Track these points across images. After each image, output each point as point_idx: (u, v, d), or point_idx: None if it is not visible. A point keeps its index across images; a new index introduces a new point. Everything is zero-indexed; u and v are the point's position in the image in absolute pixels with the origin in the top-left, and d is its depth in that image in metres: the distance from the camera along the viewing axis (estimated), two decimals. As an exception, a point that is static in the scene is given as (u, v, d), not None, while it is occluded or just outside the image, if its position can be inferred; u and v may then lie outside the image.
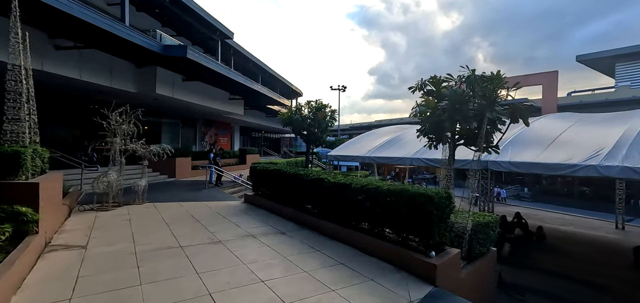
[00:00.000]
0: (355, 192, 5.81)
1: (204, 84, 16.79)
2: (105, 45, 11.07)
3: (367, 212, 5.68)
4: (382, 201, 5.29)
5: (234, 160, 21.30)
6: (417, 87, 6.51)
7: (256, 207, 9.09)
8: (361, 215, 5.84)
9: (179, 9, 15.99)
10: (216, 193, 11.66)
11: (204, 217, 7.55)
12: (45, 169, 5.99)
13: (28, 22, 9.35)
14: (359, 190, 5.74)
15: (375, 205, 5.44)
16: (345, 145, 16.39)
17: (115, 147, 8.53)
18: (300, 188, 7.41)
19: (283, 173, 8.11)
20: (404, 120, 45.68)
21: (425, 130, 6.15)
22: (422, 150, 11.59)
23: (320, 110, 9.87)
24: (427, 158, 10.99)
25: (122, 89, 12.94)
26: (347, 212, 6.09)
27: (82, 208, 7.70)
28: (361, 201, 5.71)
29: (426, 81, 6.43)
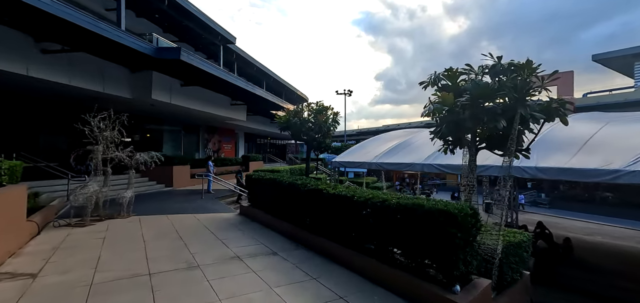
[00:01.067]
0: (358, 207, 4.82)
1: (203, 90, 16.07)
2: (95, 49, 10.39)
3: (372, 230, 4.68)
4: (390, 218, 4.29)
5: (237, 168, 20.45)
6: (430, 82, 5.51)
7: (250, 220, 8.14)
8: (366, 233, 4.83)
9: (178, 14, 15.37)
10: (211, 204, 10.78)
11: (189, 233, 6.63)
12: (1, 183, 5.16)
13: (10, 24, 8.75)
14: (362, 204, 4.74)
15: (383, 223, 4.43)
16: (350, 150, 15.37)
17: (97, 156, 7.72)
18: (297, 200, 6.45)
19: (278, 183, 7.17)
20: (412, 124, 44.43)
21: (441, 132, 5.13)
22: (434, 154, 10.50)
23: (322, 112, 8.92)
24: (440, 164, 9.90)
25: (117, 94, 12.25)
26: (349, 229, 5.09)
27: (57, 224, 6.88)
28: (365, 217, 4.71)
29: (440, 74, 5.43)
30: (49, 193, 9.14)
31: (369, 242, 4.87)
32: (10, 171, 6.23)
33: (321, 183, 6.30)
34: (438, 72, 5.52)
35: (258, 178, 8.23)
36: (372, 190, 5.25)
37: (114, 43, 9.46)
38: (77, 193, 7.08)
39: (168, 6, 14.49)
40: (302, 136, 9.23)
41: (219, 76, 13.36)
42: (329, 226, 5.58)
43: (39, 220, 6.36)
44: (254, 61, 24.17)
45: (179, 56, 10.89)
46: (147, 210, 9.19)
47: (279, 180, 7.21)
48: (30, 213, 6.46)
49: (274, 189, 7.41)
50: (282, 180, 7.13)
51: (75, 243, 5.76)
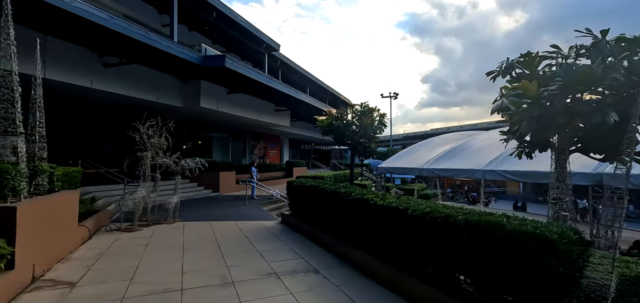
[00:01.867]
0: (413, 222, 4.01)
1: (248, 96, 16.28)
2: (148, 60, 10.92)
3: (431, 251, 3.83)
4: (455, 238, 3.42)
5: (281, 174, 20.48)
6: (500, 72, 4.50)
7: (291, 229, 7.67)
8: (422, 253, 3.99)
9: (225, 24, 15.77)
10: (253, 210, 10.59)
11: (228, 243, 6.33)
12: (54, 188, 5.31)
13: (78, 41, 9.50)
14: (418, 219, 3.92)
15: (445, 243, 3.57)
16: (398, 155, 14.29)
17: (146, 162, 7.89)
18: (341, 210, 5.79)
19: (320, 191, 6.58)
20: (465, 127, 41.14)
21: (519, 131, 4.09)
22: (499, 159, 9.13)
23: (367, 114, 8.17)
24: (505, 171, 8.51)
25: (169, 103, 12.82)
26: (402, 247, 4.28)
27: (109, 229, 7.08)
28: (422, 234, 3.89)
29: (515, 61, 4.40)
30: (107, 198, 9.69)
31: (426, 264, 4.01)
32: (68, 177, 6.53)
33: (367, 192, 5.57)
34: (511, 58, 4.50)
35: (299, 186, 7.74)
36: (429, 202, 4.38)
37: (164, 53, 9.80)
38: (126, 199, 7.26)
39: (216, 18, 14.91)
40: (346, 140, 8.55)
41: (262, 81, 13.32)
42: (377, 242, 4.81)
43: (92, 224, 6.56)
44: (297, 67, 24.19)
45: (223, 63, 10.99)
46: (192, 215, 9.25)
47: (321, 188, 6.62)
48: (85, 217, 6.72)
49: (316, 198, 6.84)
50: (324, 187, 6.53)
51: (119, 249, 5.76)
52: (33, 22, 8.19)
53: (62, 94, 10.72)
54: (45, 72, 8.84)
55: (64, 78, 9.24)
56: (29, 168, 4.63)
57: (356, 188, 6.20)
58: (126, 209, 7.22)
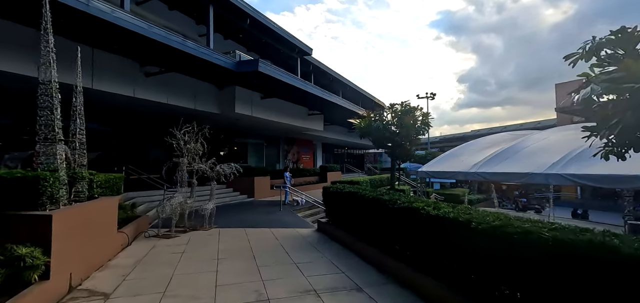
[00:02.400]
0: (479, 238, 3.32)
1: (282, 101, 16.18)
2: (186, 68, 11.12)
3: (507, 275, 3.11)
4: (544, 262, 2.70)
5: (315, 178, 20.12)
6: (583, 55, 3.65)
7: (329, 239, 7.17)
8: (494, 277, 3.28)
9: (258, 31, 15.83)
10: (288, 216, 10.25)
11: (263, 252, 5.99)
12: (94, 194, 5.31)
13: (121, 52, 9.88)
14: (486, 236, 3.23)
15: (527, 268, 2.86)
16: (440, 158, 13.24)
17: (183, 168, 7.87)
18: (384, 220, 5.19)
19: (360, 198, 6.02)
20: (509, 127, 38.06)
21: (622, 123, 3.24)
22: (562, 162, 7.95)
23: (408, 113, 7.48)
24: (577, 175, 7.34)
25: (206, 110, 13.03)
26: (465, 268, 3.59)
27: (147, 235, 7.09)
28: (492, 254, 3.19)
29: (603, 40, 3.54)
30: (148, 203, 9.90)
31: (496, 288, 3.29)
32: (109, 183, 6.61)
33: (416, 200, 4.91)
34: (598, 37, 3.63)
35: (336, 192, 7.24)
36: (498, 214, 3.66)
37: (199, 60, 9.89)
38: (163, 205, 7.24)
39: (250, 25, 15.00)
40: (386, 143, 7.90)
41: (294, 84, 13.08)
42: (430, 259, 4.15)
43: (131, 230, 6.57)
44: (329, 71, 23.84)
45: (257, 67, 10.88)
46: (227, 221, 9.12)
47: (361, 195, 6.06)
48: (126, 223, 6.76)
49: (355, 205, 6.29)
50: (364, 194, 5.96)
51: (155, 258, 5.64)
52: (82, 36, 8.60)
53: (108, 104, 11.25)
54: (93, 83, 9.26)
55: (109, 88, 9.63)
56: (69, 176, 4.61)
57: (401, 195, 5.57)
58: (164, 215, 7.20)
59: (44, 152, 4.21)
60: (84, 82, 9.39)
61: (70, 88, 8.46)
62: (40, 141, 4.20)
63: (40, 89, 4.16)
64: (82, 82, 9.19)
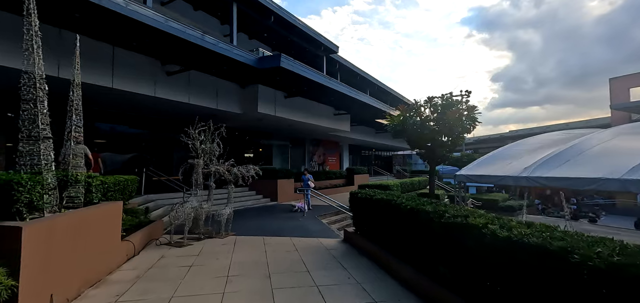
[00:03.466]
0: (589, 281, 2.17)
1: (306, 101, 15.39)
2: (206, 65, 10.63)
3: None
4: None
5: (341, 181, 19.10)
6: None
7: (357, 252, 6.15)
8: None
9: (283, 28, 15.15)
10: (311, 223, 9.33)
11: (280, 269, 5.10)
12: (92, 200, 4.71)
13: (142, 50, 9.53)
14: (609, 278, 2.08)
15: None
16: (480, 162, 11.68)
17: (198, 170, 7.22)
18: (427, 235, 4.10)
19: (395, 208, 4.94)
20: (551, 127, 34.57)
21: None
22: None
23: (451, 107, 6.27)
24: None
25: (228, 110, 12.52)
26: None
27: (159, 243, 6.48)
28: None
29: None
30: (167, 207, 9.43)
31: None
32: (120, 186, 6.06)
33: (471, 213, 3.76)
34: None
35: (365, 199, 6.19)
36: (614, 242, 2.48)
37: (218, 56, 9.30)
38: (176, 210, 6.60)
39: (274, 22, 14.36)
40: (424, 143, 6.72)
41: (319, 81, 12.19)
42: (497, 289, 3.01)
43: (140, 238, 5.97)
44: (356, 70, 22.73)
45: (279, 63, 10.13)
46: (245, 228, 8.39)
47: (396, 204, 4.98)
48: (136, 229, 6.18)
49: (388, 215, 5.23)
50: (400, 203, 4.88)
51: (160, 272, 4.95)
52: (102, 34, 8.31)
53: (129, 105, 11.03)
54: (113, 82, 8.96)
55: (129, 87, 9.30)
56: (59, 178, 4.00)
57: (449, 206, 4.43)
58: (177, 221, 6.56)
59: (27, 151, 3.61)
60: (103, 82, 9.21)
61: (95, 88, 8.14)
62: (22, 139, 3.60)
63: (22, 78, 3.56)
64: (103, 81, 9.02)
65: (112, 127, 12.80)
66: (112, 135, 12.84)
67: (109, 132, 12.76)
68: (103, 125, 12.54)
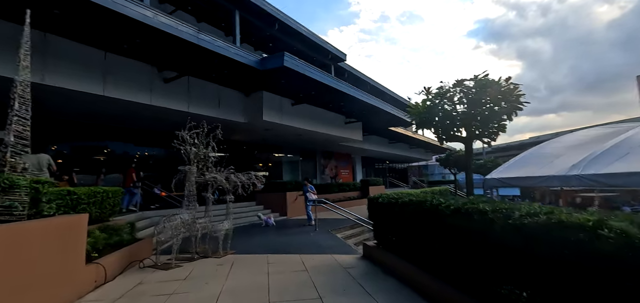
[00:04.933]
0: None
1: (315, 108, 14.40)
2: (205, 69, 9.83)
3: None
4: None
5: (356, 194, 17.75)
6: None
7: (381, 271, 4.87)
8: None
9: (288, 36, 14.41)
10: (324, 238, 8.07)
11: (284, 296, 3.90)
12: (41, 211, 3.68)
13: (134, 55, 8.80)
14: None
15: None
16: (511, 164, 10.24)
17: (190, 178, 6.19)
18: (483, 244, 2.85)
19: (433, 212, 3.70)
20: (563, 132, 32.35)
21: None
22: None
23: (488, 87, 5.06)
24: None
25: (232, 119, 11.63)
26: None
27: (142, 265, 5.38)
28: None
29: None
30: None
31: None
32: (97, 199, 5.07)
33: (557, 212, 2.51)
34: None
35: (389, 203, 4.96)
36: None
37: (215, 56, 8.46)
38: (163, 225, 5.51)
39: (279, 30, 13.65)
40: (455, 132, 5.48)
41: (327, 83, 11.21)
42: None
43: (117, 260, 4.89)
44: (366, 78, 21.76)
45: (282, 62, 9.22)
46: (248, 245, 7.23)
47: (432, 206, 3.74)
48: (115, 249, 5.12)
49: (423, 221, 3.98)
50: (439, 204, 3.64)
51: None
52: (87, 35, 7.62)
53: (124, 115, 10.28)
54: (105, 89, 8.20)
55: (122, 95, 8.53)
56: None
57: (512, 204, 3.17)
58: (163, 238, 5.46)
59: None
60: (95, 90, 8.49)
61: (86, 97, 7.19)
62: None
63: None
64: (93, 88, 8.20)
65: (105, 142, 12.11)
66: (104, 149, 12.17)
67: (101, 147, 12.07)
68: (94, 142, 11.89)
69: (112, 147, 12.47)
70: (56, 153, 10.66)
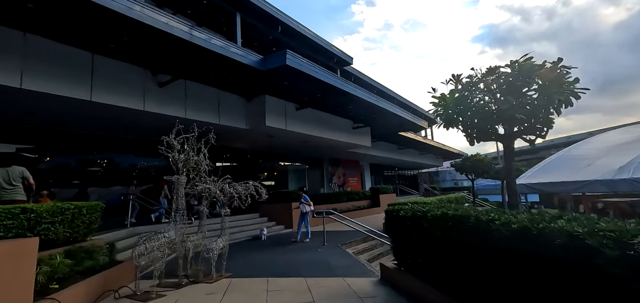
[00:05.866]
0: None
1: (321, 113, 13.52)
2: (203, 71, 9.08)
3: None
4: None
5: (365, 203, 16.69)
6: None
7: (405, 300, 3.87)
8: None
9: (292, 39, 13.64)
10: (334, 255, 7.07)
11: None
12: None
13: (126, 57, 8.09)
14: None
15: None
16: (541, 168, 9.17)
17: (179, 189, 5.31)
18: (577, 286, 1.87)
19: (482, 231, 2.72)
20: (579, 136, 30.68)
21: None
22: None
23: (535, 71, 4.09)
24: None
25: (233, 125, 10.80)
26: None
27: (118, 296, 4.48)
28: None
29: None
30: (154, 241, 7.50)
31: None
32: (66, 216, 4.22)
33: None
34: None
35: (414, 217, 3.98)
36: None
37: (211, 55, 7.64)
38: (142, 247, 4.60)
39: (281, 33, 12.91)
40: (493, 125, 4.49)
41: (332, 83, 10.31)
42: None
43: (82, 292, 3.99)
44: (373, 82, 20.89)
45: (285, 61, 8.38)
46: (247, 265, 6.30)
47: (480, 224, 2.77)
48: (85, 276, 4.25)
49: (463, 242, 3.00)
50: (491, 222, 2.67)
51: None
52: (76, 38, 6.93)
53: (115, 122, 9.55)
54: (92, 94, 7.47)
55: (112, 100, 7.76)
56: None
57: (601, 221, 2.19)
58: (139, 263, 4.54)
59: None
60: (81, 95, 7.78)
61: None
62: None
63: None
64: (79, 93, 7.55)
65: (93, 155, 11.43)
66: (94, 162, 11.49)
67: (90, 160, 11.39)
68: (83, 156, 11.23)
69: (117, 158, 11.88)
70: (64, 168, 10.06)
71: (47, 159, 10.45)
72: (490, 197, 26.19)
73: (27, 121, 8.90)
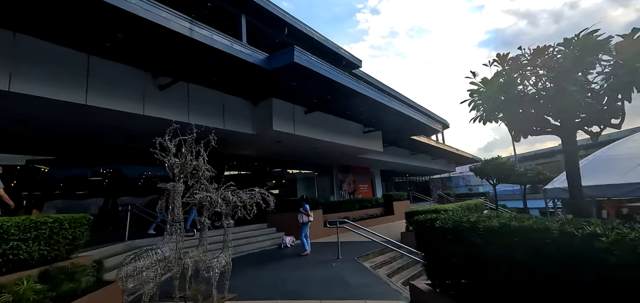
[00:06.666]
0: None
1: (330, 116, 12.82)
2: (205, 73, 8.50)
3: None
4: None
5: (378, 210, 15.81)
6: None
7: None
8: None
9: (299, 42, 12.96)
10: (351, 271, 6.25)
11: None
12: None
13: (124, 59, 7.56)
14: None
15: None
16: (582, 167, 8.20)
17: (176, 198, 4.63)
18: None
19: (575, 250, 1.92)
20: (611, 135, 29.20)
21: None
22: None
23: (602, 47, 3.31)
24: None
25: (238, 130, 10.18)
26: None
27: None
28: None
29: None
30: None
31: None
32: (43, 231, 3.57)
33: None
34: None
35: (456, 229, 3.19)
36: None
37: (213, 52, 7.06)
38: (129, 267, 3.90)
39: (288, 35, 12.34)
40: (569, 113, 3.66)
41: (343, 83, 9.61)
42: None
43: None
44: (383, 86, 20.14)
45: (292, 58, 7.74)
46: (254, 282, 5.55)
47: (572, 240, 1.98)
48: (68, 300, 3.57)
49: (538, 262, 2.20)
50: (595, 238, 1.87)
51: None
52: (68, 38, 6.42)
53: (113, 130, 9.03)
54: (87, 98, 6.93)
55: (109, 104, 7.22)
56: None
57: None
58: (127, 286, 3.84)
59: None
60: (76, 98, 7.26)
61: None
62: None
63: None
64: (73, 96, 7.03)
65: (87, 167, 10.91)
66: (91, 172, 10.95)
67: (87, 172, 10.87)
68: (78, 169, 10.70)
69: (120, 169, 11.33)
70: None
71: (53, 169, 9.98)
72: (508, 202, 24.89)
73: (19, 128, 8.43)
